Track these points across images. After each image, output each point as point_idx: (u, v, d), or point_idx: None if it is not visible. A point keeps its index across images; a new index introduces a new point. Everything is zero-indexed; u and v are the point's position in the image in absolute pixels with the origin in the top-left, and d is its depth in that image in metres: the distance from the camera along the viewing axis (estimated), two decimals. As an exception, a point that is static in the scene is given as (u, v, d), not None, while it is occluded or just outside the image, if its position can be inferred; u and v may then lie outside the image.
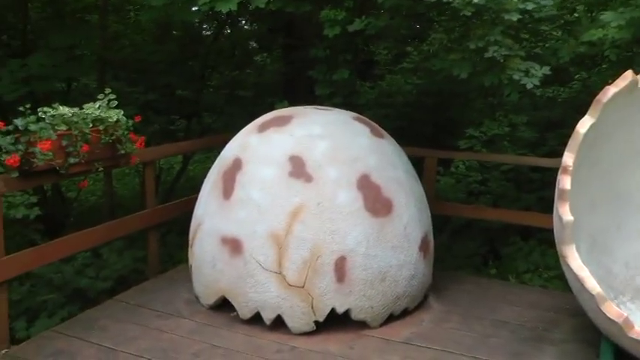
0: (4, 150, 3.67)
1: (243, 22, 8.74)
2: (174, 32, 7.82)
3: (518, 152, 6.75)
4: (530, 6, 4.62)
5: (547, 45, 6.94)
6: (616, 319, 3.19)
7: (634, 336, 3.16)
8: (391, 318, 4.22)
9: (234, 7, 4.93)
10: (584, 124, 3.44)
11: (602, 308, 3.24)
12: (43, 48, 6.45)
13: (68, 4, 7.08)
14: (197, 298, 4.45)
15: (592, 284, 3.30)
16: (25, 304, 5.23)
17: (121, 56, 6.85)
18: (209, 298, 4.28)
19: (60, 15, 7.01)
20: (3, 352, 3.76)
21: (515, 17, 4.56)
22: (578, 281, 3.38)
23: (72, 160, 4.06)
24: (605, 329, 3.46)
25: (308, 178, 3.99)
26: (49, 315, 5.06)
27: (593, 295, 3.27)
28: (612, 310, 3.23)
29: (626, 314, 3.21)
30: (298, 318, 3.94)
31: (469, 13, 4.64)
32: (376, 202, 4.05)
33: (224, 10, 5.00)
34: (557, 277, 5.42)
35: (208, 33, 8.44)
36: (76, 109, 4.11)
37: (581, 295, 3.46)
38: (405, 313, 4.30)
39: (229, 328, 4.12)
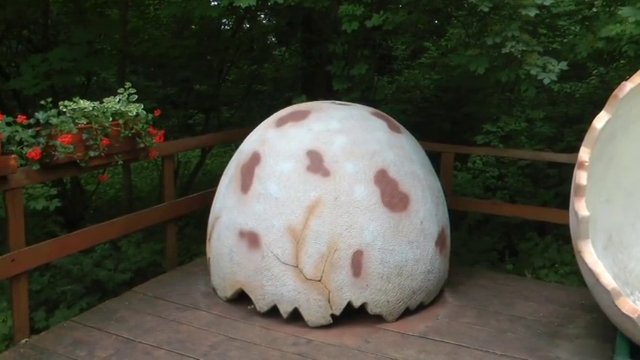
0: (25, 143, 3.69)
1: (262, 16, 8.72)
2: (192, 27, 7.82)
3: (536, 148, 6.70)
4: (548, 1, 4.60)
5: (565, 40, 6.86)
6: (631, 315, 3.18)
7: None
8: (407, 312, 4.17)
9: (254, 2, 4.93)
10: (600, 120, 3.42)
11: (616, 304, 3.22)
12: (64, 42, 6.49)
13: (89, -1, 7.11)
14: (214, 290, 4.44)
15: (607, 280, 3.28)
16: (45, 294, 5.28)
17: (140, 51, 6.87)
18: (226, 291, 4.27)
19: (80, 10, 7.03)
20: (23, 341, 3.78)
21: (532, 12, 4.58)
22: (593, 276, 3.35)
23: (92, 154, 4.07)
24: (620, 325, 3.43)
25: (325, 173, 3.97)
26: (68, 306, 5.10)
27: (608, 291, 3.25)
28: (627, 305, 3.21)
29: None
30: (315, 311, 3.92)
31: (486, 9, 4.65)
32: (393, 197, 4.03)
33: (243, 5, 5.00)
34: (573, 273, 5.39)
35: (227, 28, 8.42)
36: (96, 103, 4.11)
37: (597, 291, 3.44)
38: (421, 307, 4.26)
39: (246, 321, 4.09)
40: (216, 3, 5.43)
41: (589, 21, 6.20)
